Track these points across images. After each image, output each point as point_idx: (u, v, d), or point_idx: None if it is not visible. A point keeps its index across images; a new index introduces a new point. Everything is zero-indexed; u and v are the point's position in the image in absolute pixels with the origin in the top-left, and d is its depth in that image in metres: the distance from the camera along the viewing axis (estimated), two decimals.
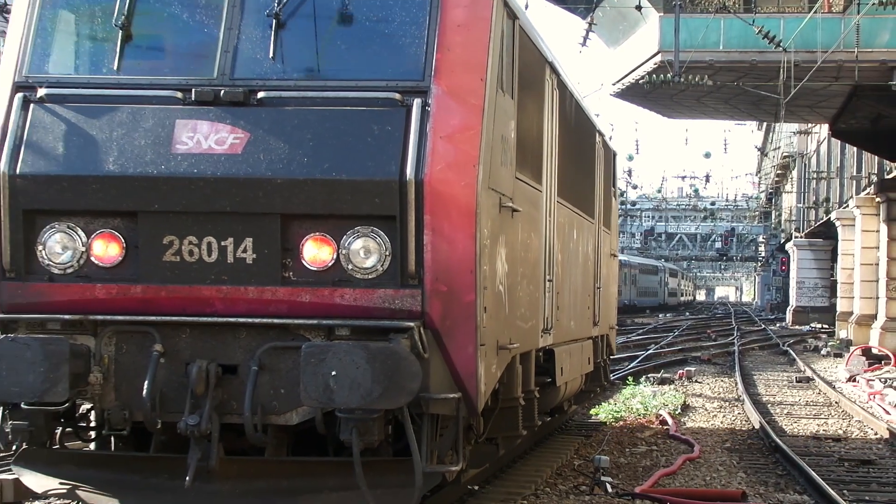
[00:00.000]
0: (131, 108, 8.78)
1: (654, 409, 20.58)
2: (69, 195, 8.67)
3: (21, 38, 9.15)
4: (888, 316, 38.51)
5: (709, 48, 31.62)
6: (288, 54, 8.92)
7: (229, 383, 8.59)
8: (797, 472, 14.62)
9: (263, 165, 8.52)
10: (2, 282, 8.79)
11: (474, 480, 11.91)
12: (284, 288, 8.59)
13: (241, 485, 8.79)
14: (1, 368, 8.29)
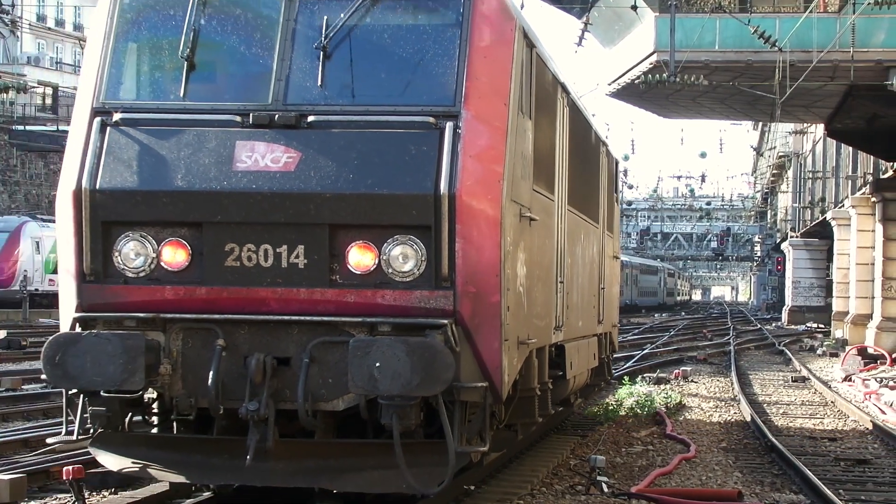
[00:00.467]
0: (196, 131, 9.86)
1: (651, 408, 20.58)
2: (142, 208, 9.75)
3: (97, 69, 10.23)
4: (884, 315, 38.53)
5: (704, 48, 31.61)
6: (334, 82, 9.97)
7: (283, 374, 9.65)
8: (793, 472, 14.63)
9: (314, 182, 9.60)
10: (82, 284, 9.85)
11: (493, 464, 12.92)
12: (332, 289, 9.64)
13: (293, 464, 9.82)
14: (85, 360, 9.41)
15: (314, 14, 10.11)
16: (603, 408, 20.36)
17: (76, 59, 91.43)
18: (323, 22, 10.04)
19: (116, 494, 12.31)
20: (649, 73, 31.78)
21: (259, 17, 10.22)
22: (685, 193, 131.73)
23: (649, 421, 19.67)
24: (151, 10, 10.36)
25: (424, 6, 10.11)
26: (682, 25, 31.07)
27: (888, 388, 26.37)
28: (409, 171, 9.59)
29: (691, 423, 19.94)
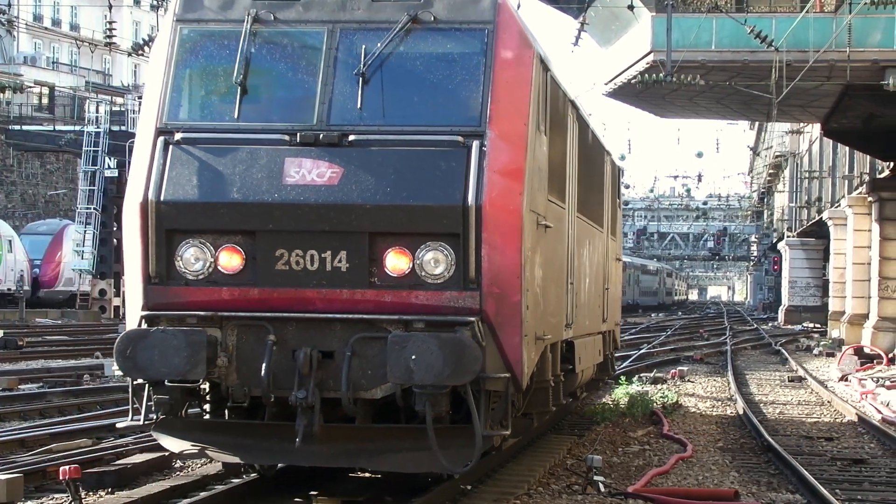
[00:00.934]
0: (249, 148, 11.05)
1: (648, 408, 20.58)
2: (201, 217, 10.94)
3: (160, 93, 11.39)
4: (880, 315, 38.54)
5: (701, 48, 31.60)
6: (372, 105, 11.15)
7: (327, 366, 10.76)
8: (789, 472, 14.64)
9: (355, 194, 10.78)
10: (148, 286, 11.01)
11: (512, 448, 13.79)
12: (371, 290, 10.81)
13: (336, 447, 11.04)
14: (153, 353, 10.59)
15: (353, 43, 11.30)
16: (600, 408, 20.35)
17: (72, 58, 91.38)
18: (361, 51, 11.23)
19: (113, 494, 12.33)
20: (646, 73, 31.77)
21: (304, 46, 11.43)
22: (682, 193, 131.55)
23: (646, 421, 19.67)
24: (208, 41, 11.57)
25: (452, 36, 11.31)
26: (678, 25, 31.06)
27: (885, 387, 26.38)
28: (439, 185, 10.77)
29: (688, 423, 19.95)
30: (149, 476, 13.49)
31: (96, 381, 25.50)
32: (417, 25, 11.31)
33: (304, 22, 11.48)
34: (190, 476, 13.25)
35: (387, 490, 12.36)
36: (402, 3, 11.40)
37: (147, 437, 15.91)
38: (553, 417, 16.66)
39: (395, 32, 11.21)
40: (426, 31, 11.32)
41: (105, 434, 16.76)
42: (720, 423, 20.17)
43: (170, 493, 12.17)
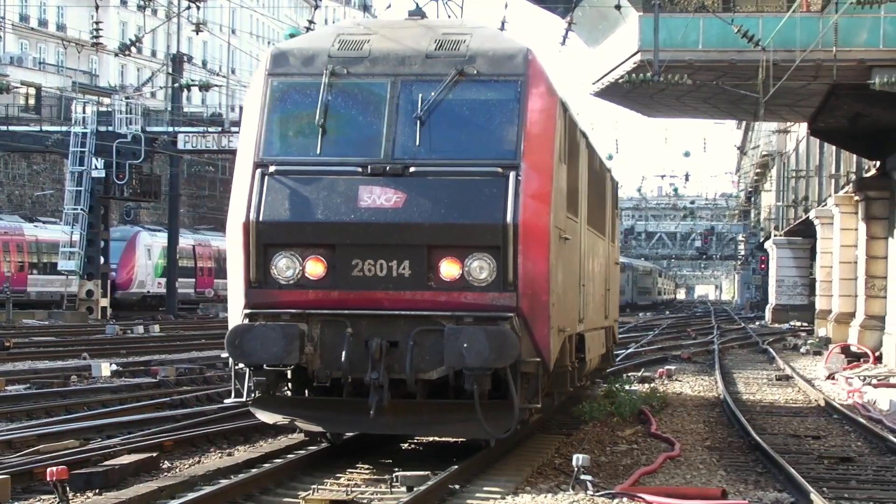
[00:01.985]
0: (329, 178, 13.53)
1: (635, 407, 20.59)
2: (292, 234, 13.46)
3: (256, 133, 13.84)
4: (867, 314, 38.61)
5: (688, 48, 31.58)
6: (427, 142, 13.61)
7: (394, 353, 13.19)
8: (777, 470, 14.67)
9: (415, 215, 13.26)
10: (249, 289, 13.47)
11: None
12: (428, 292, 13.27)
13: (401, 418, 13.61)
14: (256, 343, 13.04)
15: (412, 92, 13.78)
16: (588, 407, 20.37)
17: (59, 59, 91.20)
18: (418, 98, 13.71)
19: (101, 495, 12.32)
20: (633, 73, 31.77)
21: (372, 94, 13.88)
22: (669, 192, 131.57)
23: (634, 420, 19.69)
24: (293, 90, 14.05)
25: (492, 87, 13.79)
26: (665, 25, 31.06)
27: (871, 386, 26.44)
28: (483, 207, 13.27)
29: (676, 422, 19.98)
30: (136, 477, 13.50)
31: (84, 382, 25.46)
32: (463, 78, 13.81)
33: (371, 75, 13.96)
34: (177, 477, 13.27)
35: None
36: (450, 60, 13.89)
37: (134, 438, 15.95)
38: (565, 401, 19.07)
39: (446, 84, 13.74)
40: (470, 83, 13.82)
41: (93, 435, 16.75)
42: (708, 422, 20.20)
43: (157, 494, 12.17)
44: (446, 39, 14.19)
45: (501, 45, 14.20)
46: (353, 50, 14.14)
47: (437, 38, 14.19)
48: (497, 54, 13.95)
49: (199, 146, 60.36)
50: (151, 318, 57.42)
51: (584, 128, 16.82)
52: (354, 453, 15.48)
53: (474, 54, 13.95)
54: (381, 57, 14.01)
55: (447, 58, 13.93)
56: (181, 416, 18.75)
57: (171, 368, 26.77)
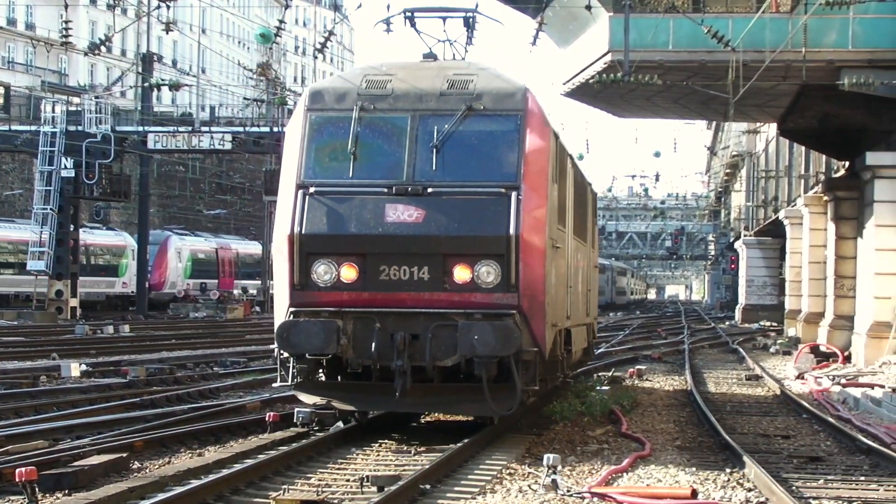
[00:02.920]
0: (360, 198, 15.86)
1: (606, 407, 20.63)
2: (329, 245, 15.79)
3: (297, 160, 16.22)
4: (836, 314, 38.75)
5: (658, 48, 31.65)
6: (442, 167, 15.93)
7: (415, 344, 15.49)
8: (747, 469, 14.70)
9: (433, 228, 15.61)
10: (293, 291, 15.81)
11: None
12: (444, 293, 15.60)
13: (421, 399, 16.04)
14: (300, 336, 15.46)
15: (428, 125, 16.12)
16: (558, 407, 20.39)
17: (28, 58, 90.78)
18: (434, 130, 16.06)
19: (70, 496, 12.27)
20: (604, 73, 31.82)
21: (395, 127, 16.24)
22: (639, 192, 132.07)
23: (604, 420, 19.72)
24: (328, 123, 16.39)
25: (496, 120, 16.16)
26: (636, 25, 31.15)
27: (841, 385, 26.55)
28: (490, 222, 15.62)
29: (646, 422, 20.02)
30: (106, 477, 13.46)
31: (53, 382, 25.36)
32: (471, 112, 16.15)
33: (394, 110, 16.31)
34: (147, 477, 13.22)
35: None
36: (460, 97, 16.24)
37: (104, 439, 15.91)
38: (550, 391, 21.05)
39: (457, 118, 16.09)
40: (478, 116, 16.17)
41: (62, 435, 16.69)
42: (678, 422, 20.25)
43: (127, 495, 12.13)
44: (456, 80, 16.56)
45: (503, 84, 16.52)
46: (378, 88, 16.54)
47: (449, 79, 16.58)
48: (500, 92, 16.36)
49: (169, 146, 60.13)
50: (121, 318, 57.21)
51: (569, 150, 19.68)
52: (324, 454, 15.48)
53: (481, 92, 16.31)
54: (402, 95, 16.43)
55: (457, 95, 16.33)
56: (151, 417, 18.71)
57: (141, 369, 26.69)
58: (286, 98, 57.13)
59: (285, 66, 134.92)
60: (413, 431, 17.95)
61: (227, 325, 53.77)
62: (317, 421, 17.52)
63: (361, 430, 17.23)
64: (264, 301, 74.47)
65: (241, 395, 23.12)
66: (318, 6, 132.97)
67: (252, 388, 24.65)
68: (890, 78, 30.11)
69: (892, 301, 32.25)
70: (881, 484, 14.44)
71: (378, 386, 15.98)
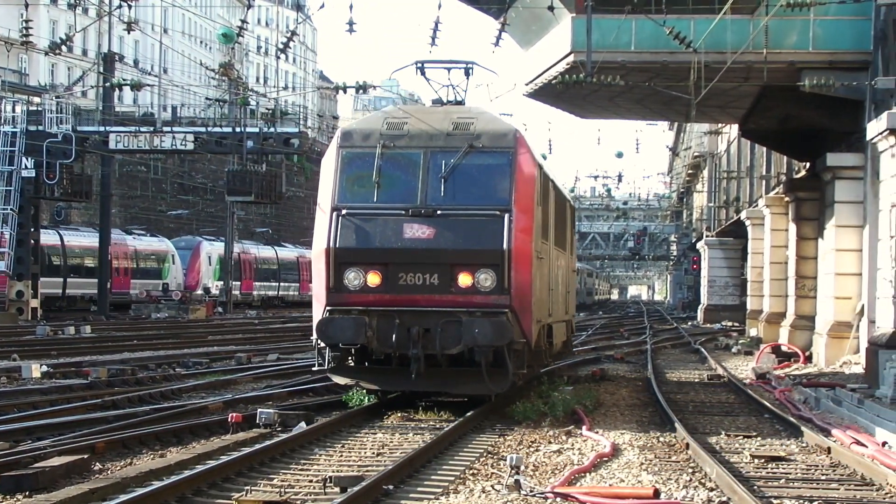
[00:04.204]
0: (383, 217, 19.58)
1: (568, 407, 20.67)
2: (358, 256, 19.48)
3: (332, 187, 19.91)
4: (797, 314, 38.97)
5: (620, 49, 31.73)
6: (449, 193, 19.62)
7: (427, 336, 19.10)
8: (709, 469, 14.76)
9: (442, 243, 19.33)
10: (329, 293, 19.43)
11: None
12: (451, 295, 19.25)
13: (432, 381, 19.62)
14: (336, 330, 19.05)
15: (438, 159, 19.87)
16: (521, 407, 20.42)
17: None
18: (442, 163, 19.79)
19: (31, 498, 12.21)
20: (566, 74, 31.86)
21: (410, 161, 19.97)
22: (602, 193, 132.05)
23: (567, 420, 19.77)
24: (357, 158, 20.09)
25: (492, 155, 19.87)
26: (598, 26, 31.20)
27: (801, 385, 26.69)
28: (488, 238, 19.32)
29: (609, 422, 20.06)
30: (67, 479, 13.38)
31: (13, 383, 25.21)
32: (472, 149, 19.85)
33: (410, 147, 20.05)
34: (109, 478, 13.16)
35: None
36: (463, 136, 19.98)
37: (65, 440, 15.83)
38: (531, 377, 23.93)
39: (461, 154, 19.82)
40: (477, 152, 19.88)
41: (22, 437, 16.59)
42: (641, 422, 20.31)
43: (89, 496, 12.08)
44: (460, 122, 20.31)
45: (498, 126, 20.37)
46: (396, 129, 20.25)
47: (454, 121, 20.34)
48: (495, 133, 20.12)
49: (130, 146, 59.79)
50: (82, 318, 56.91)
51: (552, 175, 23.40)
52: (287, 455, 15.45)
53: (480, 133, 20.07)
54: (416, 134, 20.17)
55: (461, 135, 20.05)
56: (113, 418, 18.62)
57: (102, 369, 26.56)
58: (248, 98, 56.88)
59: (248, 66, 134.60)
60: (383, 428, 17.95)
61: (189, 326, 53.57)
62: (280, 422, 17.56)
63: (323, 429, 17.21)
64: (227, 302, 74.22)
65: (204, 396, 23.03)
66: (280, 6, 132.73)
67: (214, 388, 24.57)
68: (850, 79, 30.28)
69: (853, 301, 32.46)
70: (842, 483, 14.52)
71: (397, 370, 19.52)
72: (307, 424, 17.75)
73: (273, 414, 17.90)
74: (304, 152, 61.72)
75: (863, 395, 23.09)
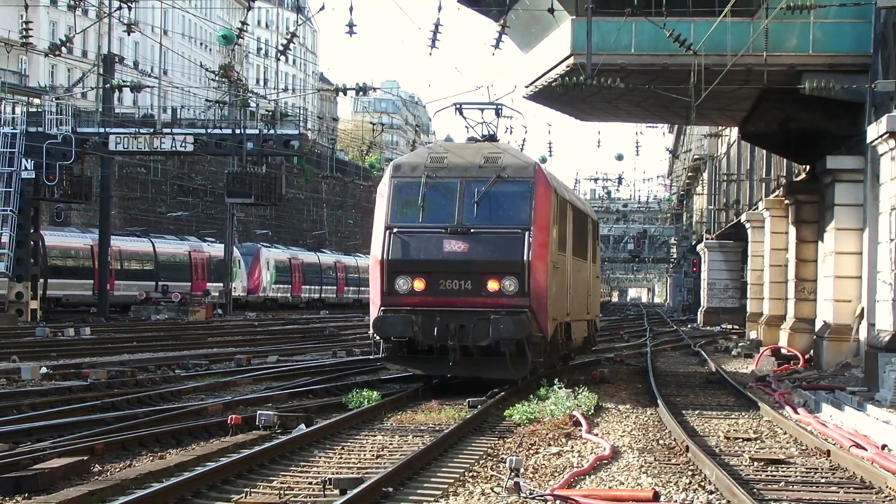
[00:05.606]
0: (426, 234, 23.55)
1: (568, 409, 20.65)
2: (407, 266, 23.42)
3: (386, 210, 23.91)
4: (797, 317, 38.96)
5: (620, 51, 31.70)
6: (481, 215, 23.59)
7: (462, 331, 22.92)
8: (708, 472, 14.75)
9: (474, 255, 23.25)
10: (383, 296, 23.45)
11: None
12: (481, 298, 23.11)
13: (466, 367, 23.44)
14: (388, 325, 23.09)
15: (471, 187, 23.88)
16: (521, 409, 20.40)
17: None
18: (475, 191, 23.81)
19: (30, 499, 12.20)
20: (566, 76, 31.85)
21: (449, 189, 23.99)
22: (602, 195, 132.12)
23: (567, 422, 19.74)
24: (406, 186, 24.13)
25: (516, 184, 23.87)
26: (598, 28, 31.19)
27: (801, 388, 26.67)
28: (512, 251, 23.33)
29: (609, 425, 20.05)
30: (67, 480, 13.36)
31: (13, 385, 25.19)
32: (499, 179, 23.87)
33: (449, 177, 24.10)
34: (108, 480, 13.15)
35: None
36: (492, 168, 24.04)
37: (64, 441, 15.81)
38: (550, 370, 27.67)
39: (490, 183, 23.86)
40: (503, 182, 23.90)
41: (22, 438, 16.57)
42: (640, 425, 20.29)
43: (88, 498, 12.07)
44: (490, 156, 24.40)
45: (521, 160, 24.57)
46: (437, 163, 24.37)
47: (485, 155, 24.44)
48: (518, 166, 24.17)
49: (130, 147, 59.70)
50: (82, 320, 56.89)
51: (570, 197, 27.65)
52: (287, 457, 15.43)
53: (506, 165, 24.14)
54: (454, 167, 24.23)
55: (490, 167, 24.12)
56: (112, 420, 18.60)
57: (102, 371, 26.56)
58: (248, 100, 56.83)
59: (248, 68, 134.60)
60: (382, 431, 17.94)
61: (188, 328, 53.55)
62: (279, 424, 17.54)
63: (323, 431, 17.19)
64: (226, 304, 74.22)
65: (203, 398, 23.02)
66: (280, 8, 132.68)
67: (214, 390, 24.57)
68: (850, 82, 30.25)
69: (853, 304, 32.44)
70: (841, 486, 14.51)
71: (438, 358, 23.52)
72: (307, 426, 17.73)
73: (273, 416, 17.89)
74: (304, 154, 61.71)
75: (862, 397, 23.08)
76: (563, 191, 26.38)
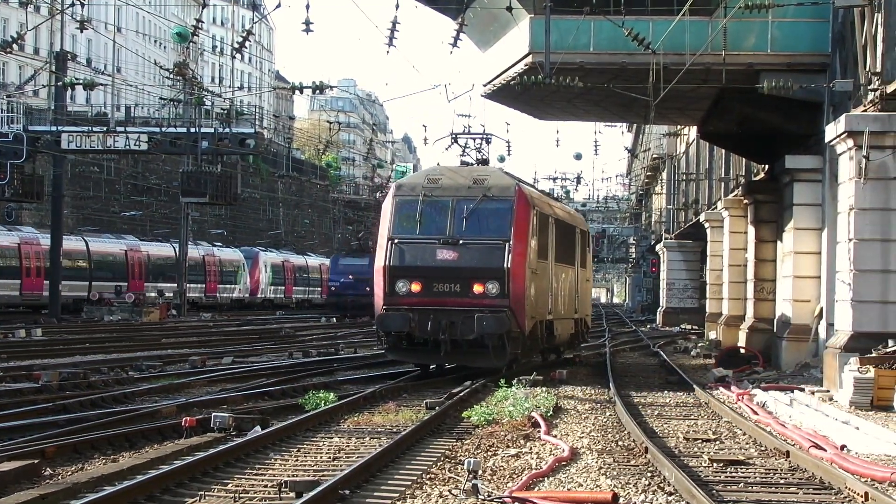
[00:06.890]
0: (423, 245, 27.63)
1: (526, 411, 20.51)
2: (406, 271, 27.50)
3: (389, 224, 27.95)
4: (756, 317, 39.00)
5: (579, 50, 31.62)
6: (469, 228, 27.61)
7: (452, 326, 26.87)
8: (667, 473, 14.63)
9: (463, 263, 27.36)
10: (385, 297, 27.40)
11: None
12: (468, 299, 27.15)
13: (455, 357, 28.13)
14: (390, 322, 27.20)
15: (461, 204, 27.64)
16: (479, 411, 20.24)
17: None
18: (465, 208, 27.57)
19: None
20: (524, 75, 31.75)
21: (443, 206, 27.70)
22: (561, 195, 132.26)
23: (525, 423, 19.59)
24: (406, 203, 27.86)
25: (499, 201, 27.73)
26: (556, 27, 31.09)
27: (761, 388, 26.64)
28: (494, 259, 27.17)
29: (567, 426, 19.93)
30: (17, 484, 13.18)
31: None
32: (485, 198, 27.62)
33: (443, 196, 27.80)
34: (59, 484, 12.94)
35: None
36: (479, 188, 27.78)
37: (14, 445, 15.56)
38: (530, 364, 30.97)
39: (477, 201, 27.62)
40: (489, 200, 27.68)
41: None
42: (600, 426, 20.17)
43: (39, 502, 11.87)
44: (478, 178, 28.33)
45: (504, 181, 28.45)
46: (433, 183, 28.19)
47: (474, 178, 28.36)
48: (501, 186, 28.05)
49: (83, 146, 59.27)
50: (34, 321, 56.36)
51: (552, 212, 31.34)
52: (242, 459, 15.22)
53: (491, 185, 28.03)
54: (447, 187, 28.05)
55: (478, 188, 27.93)
56: (64, 422, 18.34)
57: (53, 373, 26.21)
58: (203, 98, 56.45)
59: (203, 66, 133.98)
60: (339, 433, 17.75)
61: (142, 329, 53.15)
62: (234, 426, 17.32)
63: (279, 433, 17.00)
64: (181, 305, 73.78)
65: (157, 400, 22.76)
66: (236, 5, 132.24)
67: (168, 392, 24.29)
68: (808, 81, 30.29)
69: (812, 304, 32.48)
70: (800, 487, 14.44)
71: (432, 350, 27.30)
72: (262, 428, 17.51)
73: (228, 418, 17.67)
74: (259, 153, 61.43)
75: (822, 398, 23.05)
76: (543, 206, 30.19)
